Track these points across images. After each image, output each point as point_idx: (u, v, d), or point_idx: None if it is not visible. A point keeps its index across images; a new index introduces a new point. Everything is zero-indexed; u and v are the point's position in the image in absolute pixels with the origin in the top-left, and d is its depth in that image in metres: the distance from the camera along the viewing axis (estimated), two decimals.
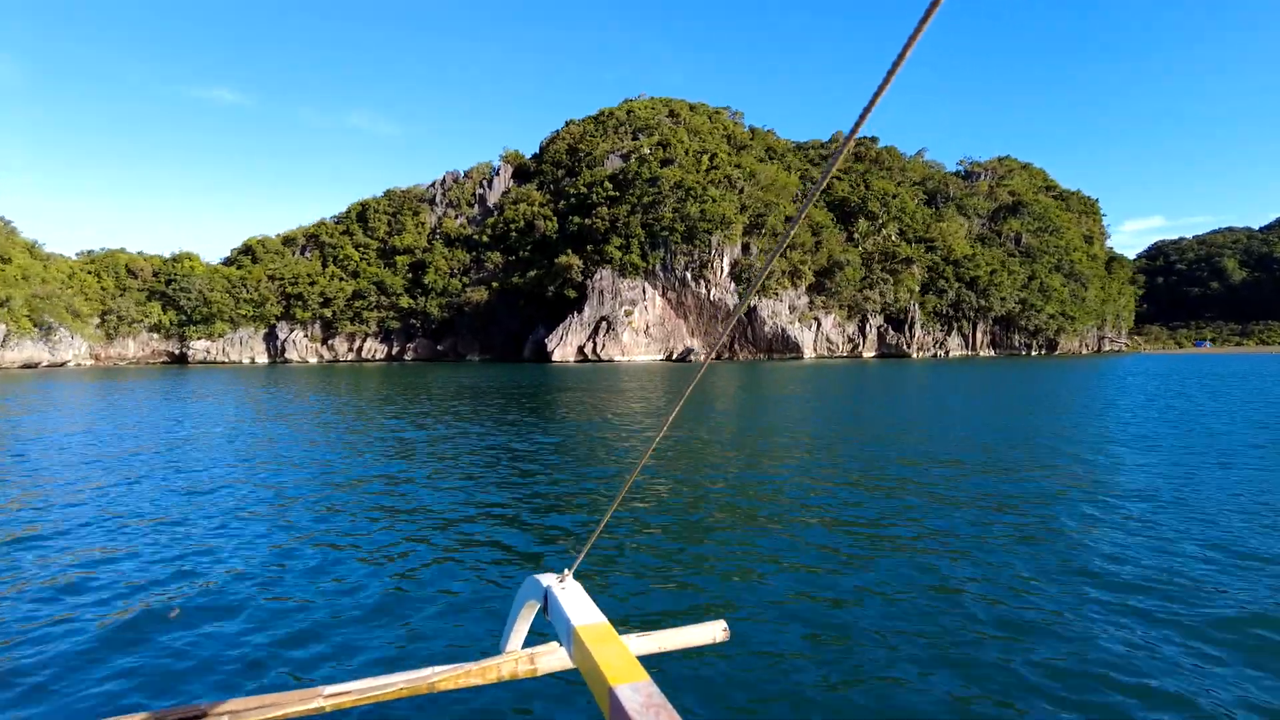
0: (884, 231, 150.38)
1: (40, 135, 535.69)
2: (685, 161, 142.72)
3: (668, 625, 2.57)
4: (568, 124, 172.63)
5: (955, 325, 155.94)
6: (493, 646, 2.29)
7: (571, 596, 2.18)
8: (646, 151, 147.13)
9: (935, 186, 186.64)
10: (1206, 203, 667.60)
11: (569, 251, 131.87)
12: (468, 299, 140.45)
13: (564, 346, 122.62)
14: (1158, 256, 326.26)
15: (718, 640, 2.57)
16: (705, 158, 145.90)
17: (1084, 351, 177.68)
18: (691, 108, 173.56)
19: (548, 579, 2.28)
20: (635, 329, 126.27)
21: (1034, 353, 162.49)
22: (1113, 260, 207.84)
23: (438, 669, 2.25)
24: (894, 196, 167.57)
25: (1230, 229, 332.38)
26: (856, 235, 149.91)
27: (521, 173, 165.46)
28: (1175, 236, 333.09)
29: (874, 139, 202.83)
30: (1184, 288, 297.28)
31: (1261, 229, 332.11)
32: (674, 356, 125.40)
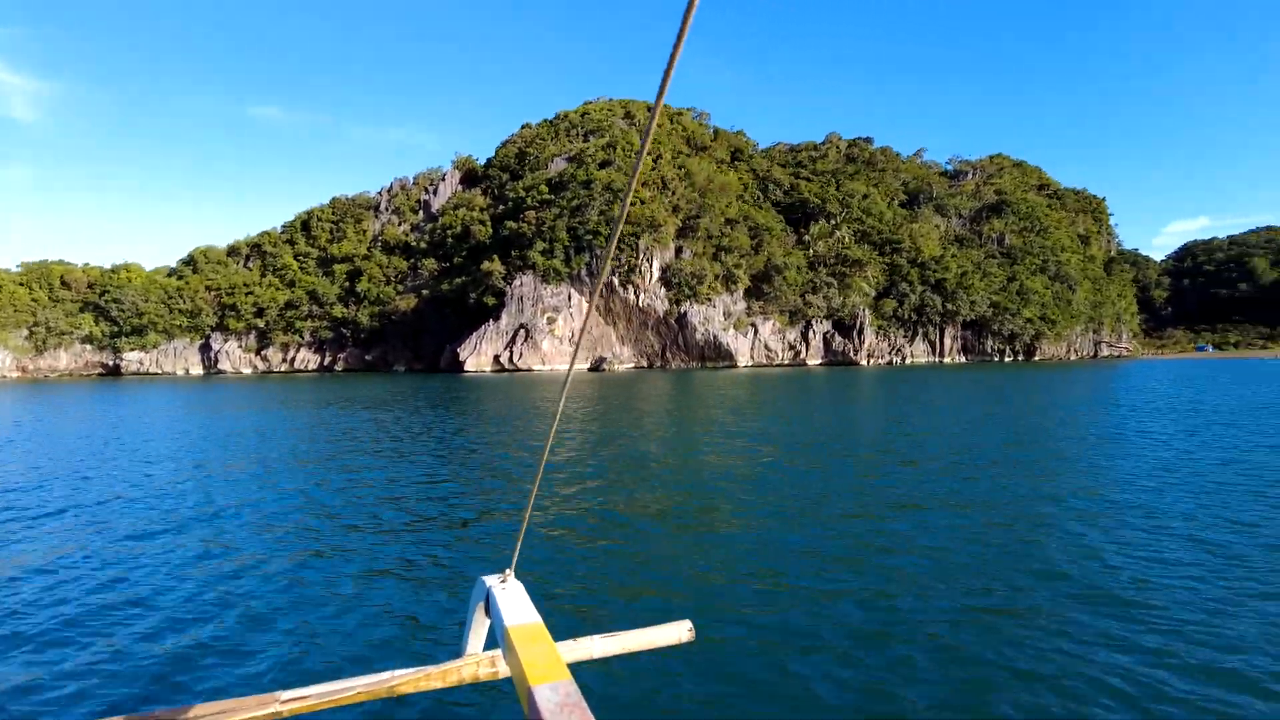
0: (837, 234, 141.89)
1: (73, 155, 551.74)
2: (624, 163, 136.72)
3: (633, 625, 2.53)
4: (523, 127, 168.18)
5: (920, 330, 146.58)
6: (458, 649, 2.35)
7: (510, 597, 2.16)
8: (590, 153, 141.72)
9: (917, 186, 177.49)
10: (1256, 203, 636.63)
11: (494, 257, 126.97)
12: (396, 307, 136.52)
13: (478, 356, 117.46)
14: (1186, 258, 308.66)
15: (683, 640, 2.54)
16: (648, 159, 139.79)
17: (1072, 357, 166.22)
18: (648, 107, 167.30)
19: (491, 580, 2.26)
20: (558, 337, 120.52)
21: (1008, 359, 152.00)
22: (1112, 261, 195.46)
23: (398, 672, 2.19)
24: (865, 197, 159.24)
25: (1268, 227, 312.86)
26: (808, 238, 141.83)
27: (471, 178, 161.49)
28: (1208, 237, 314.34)
29: (868, 139, 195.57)
30: (1211, 290, 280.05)
31: None
32: (590, 366, 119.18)
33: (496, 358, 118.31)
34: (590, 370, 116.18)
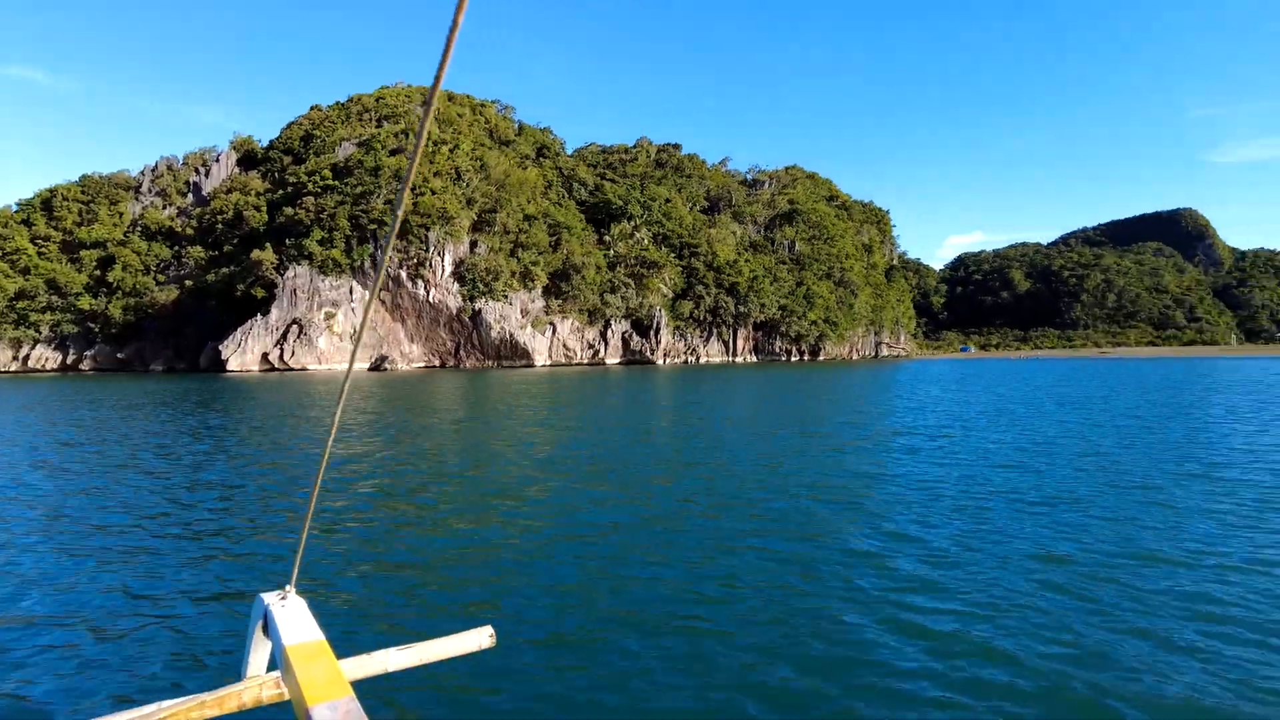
0: (637, 235, 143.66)
1: None
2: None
3: (431, 635, 2.43)
4: (312, 109, 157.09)
5: (715, 331, 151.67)
6: (233, 673, 2.18)
7: (290, 614, 2.06)
8: (381, 139, 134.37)
9: (719, 194, 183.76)
10: (1018, 221, 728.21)
11: (267, 245, 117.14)
12: (155, 300, 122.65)
13: (243, 354, 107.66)
14: (960, 268, 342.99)
15: (484, 647, 2.46)
16: (444, 149, 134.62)
17: (855, 357, 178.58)
18: (451, 98, 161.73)
19: (270, 597, 2.16)
20: (337, 333, 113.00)
21: (794, 359, 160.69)
22: (893, 269, 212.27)
23: (167, 703, 2.00)
24: (667, 201, 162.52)
25: (1024, 243, 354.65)
26: (608, 238, 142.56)
27: (249, 160, 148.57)
28: (978, 250, 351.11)
29: (677, 145, 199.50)
30: (979, 297, 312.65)
31: (1048, 244, 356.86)
32: (370, 365, 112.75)
33: (265, 356, 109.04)
34: (371, 370, 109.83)
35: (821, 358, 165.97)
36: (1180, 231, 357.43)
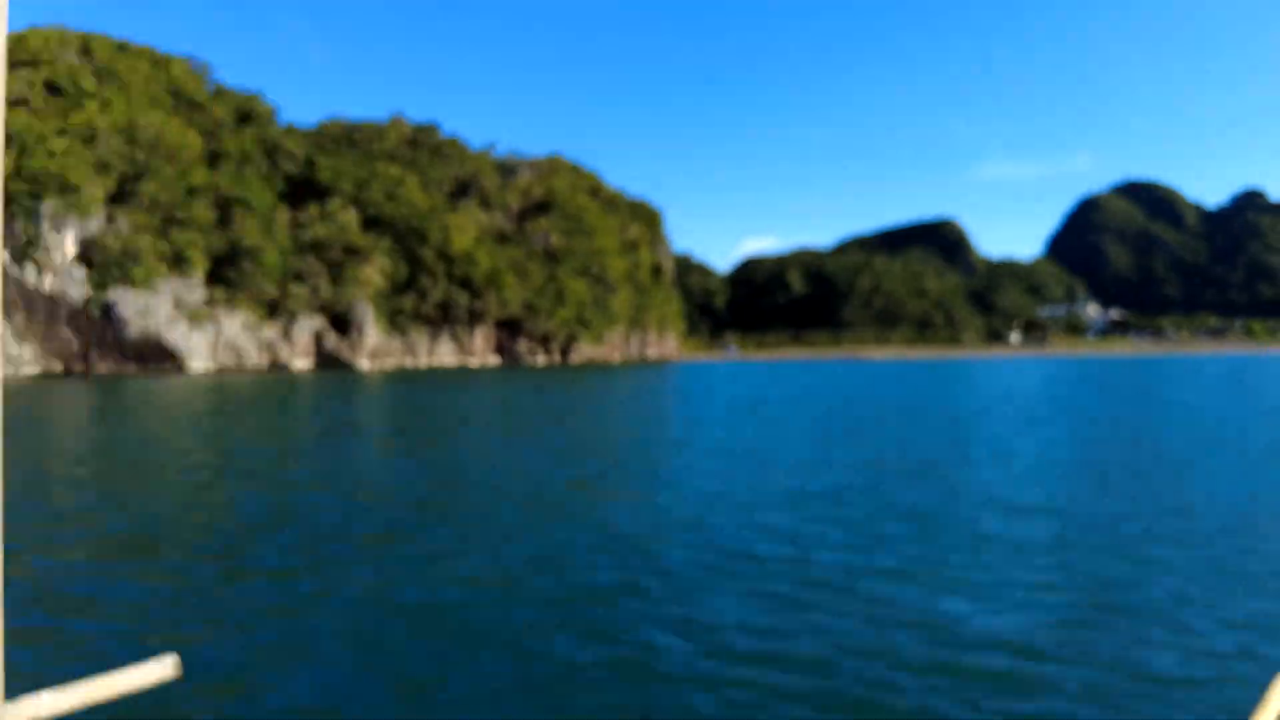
0: (341, 216, 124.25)
1: None
2: (44, 103, 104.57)
3: (104, 671, 1.96)
4: None
5: (447, 329, 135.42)
6: None
7: None
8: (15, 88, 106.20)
9: (468, 178, 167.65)
10: (805, 226, 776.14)
11: None
12: None
13: None
14: (743, 271, 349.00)
15: (168, 677, 1.99)
16: (90, 104, 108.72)
17: (617, 358, 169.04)
18: (121, 47, 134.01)
19: None
20: None
21: (542, 360, 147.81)
22: (660, 268, 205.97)
23: None
24: (399, 184, 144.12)
25: (805, 249, 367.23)
26: (303, 219, 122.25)
27: None
28: (767, 253, 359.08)
29: (435, 125, 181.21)
30: (760, 299, 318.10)
31: (826, 250, 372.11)
32: None
33: None
34: None
35: (574, 359, 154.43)
36: (942, 240, 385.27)
